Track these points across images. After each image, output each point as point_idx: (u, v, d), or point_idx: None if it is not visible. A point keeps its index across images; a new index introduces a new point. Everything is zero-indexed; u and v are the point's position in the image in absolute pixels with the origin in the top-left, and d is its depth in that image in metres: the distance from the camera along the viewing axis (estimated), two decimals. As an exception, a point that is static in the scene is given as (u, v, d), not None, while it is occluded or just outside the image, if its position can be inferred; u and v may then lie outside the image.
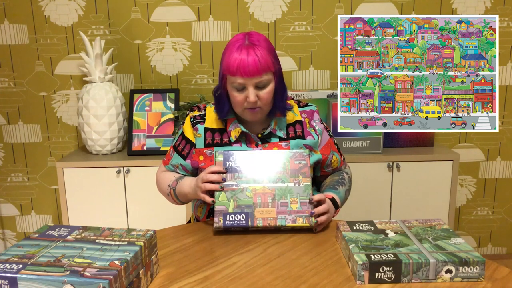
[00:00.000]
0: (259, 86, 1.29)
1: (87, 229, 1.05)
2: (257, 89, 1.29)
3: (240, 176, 1.27)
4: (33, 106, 2.46)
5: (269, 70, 1.29)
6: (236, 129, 1.38)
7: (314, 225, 1.23)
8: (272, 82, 1.31)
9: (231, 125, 1.39)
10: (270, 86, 1.31)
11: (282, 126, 1.40)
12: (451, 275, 0.98)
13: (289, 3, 2.35)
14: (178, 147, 1.44)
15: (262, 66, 1.26)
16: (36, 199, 2.56)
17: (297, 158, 1.29)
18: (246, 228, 1.23)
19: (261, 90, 1.30)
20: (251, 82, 1.27)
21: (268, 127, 1.40)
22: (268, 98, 1.32)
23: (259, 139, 1.39)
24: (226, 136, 1.39)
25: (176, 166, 1.45)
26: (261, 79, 1.28)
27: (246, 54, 1.25)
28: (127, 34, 2.38)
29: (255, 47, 1.27)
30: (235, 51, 1.27)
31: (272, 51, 1.31)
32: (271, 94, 1.32)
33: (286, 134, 1.40)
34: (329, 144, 1.47)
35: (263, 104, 1.32)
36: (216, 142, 1.39)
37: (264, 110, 1.34)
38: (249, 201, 1.24)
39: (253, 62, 1.25)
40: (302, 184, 1.27)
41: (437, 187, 2.14)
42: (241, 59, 1.25)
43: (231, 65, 1.26)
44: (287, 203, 1.24)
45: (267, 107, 1.34)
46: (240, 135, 1.38)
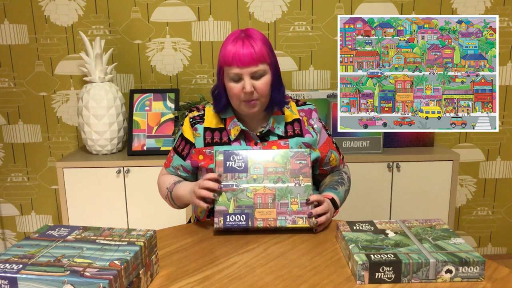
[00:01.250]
0: (255, 76, 1.31)
1: (87, 229, 1.05)
2: (253, 80, 1.31)
3: (240, 176, 1.27)
4: (33, 106, 2.46)
5: (264, 60, 1.31)
6: (235, 128, 1.38)
7: (314, 225, 1.23)
8: (268, 73, 1.33)
9: (231, 124, 1.39)
10: (266, 77, 1.32)
11: (280, 124, 1.41)
12: (451, 275, 0.98)
13: (289, 3, 2.35)
14: (178, 148, 1.45)
15: (258, 56, 1.29)
16: (36, 199, 2.56)
17: (297, 158, 1.29)
18: (247, 229, 1.23)
19: (257, 80, 1.31)
20: (246, 71, 1.29)
21: (266, 125, 1.40)
22: (265, 90, 1.32)
23: (258, 137, 1.39)
24: (225, 135, 1.39)
25: (177, 168, 1.45)
26: (257, 69, 1.30)
27: (242, 44, 1.29)
28: (127, 34, 2.38)
29: (251, 39, 1.30)
30: (231, 43, 1.30)
31: (267, 43, 1.34)
32: (268, 85, 1.33)
33: (284, 132, 1.41)
34: (327, 142, 1.47)
35: (259, 96, 1.32)
36: (215, 141, 1.39)
37: (261, 102, 1.35)
38: (250, 202, 1.24)
39: (248, 52, 1.28)
40: (302, 184, 1.26)
41: (437, 187, 2.14)
42: (237, 49, 1.28)
43: (227, 56, 1.29)
44: (287, 203, 1.24)
45: (264, 99, 1.35)
46: (239, 133, 1.38)
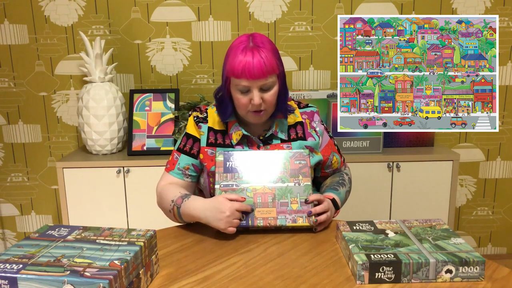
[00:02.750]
0: (263, 88, 1.28)
1: (87, 229, 1.05)
2: (261, 92, 1.28)
3: (240, 176, 1.27)
4: (33, 106, 2.46)
5: (273, 72, 1.28)
6: (237, 132, 1.37)
7: (314, 224, 1.23)
8: (276, 84, 1.31)
9: (232, 128, 1.38)
10: (275, 88, 1.30)
11: (283, 128, 1.40)
12: (451, 275, 0.98)
13: (289, 3, 2.35)
14: (184, 148, 1.41)
15: (267, 69, 1.25)
16: (36, 199, 2.56)
17: (297, 158, 1.30)
18: (247, 228, 1.23)
19: (265, 93, 1.29)
20: (256, 84, 1.26)
21: (269, 129, 1.39)
22: (273, 101, 1.31)
23: (261, 141, 1.38)
24: (228, 138, 1.39)
25: (186, 168, 1.40)
26: (266, 82, 1.27)
27: (251, 56, 1.24)
28: (127, 34, 2.38)
29: (260, 49, 1.25)
30: (240, 53, 1.25)
31: (276, 53, 1.31)
32: (275, 96, 1.32)
33: (287, 136, 1.40)
34: (329, 145, 1.47)
35: (267, 106, 1.31)
36: (218, 143, 1.38)
37: (268, 112, 1.34)
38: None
39: (259, 64, 1.23)
40: (302, 184, 1.27)
41: (437, 187, 2.14)
42: (247, 61, 1.23)
43: (236, 68, 1.25)
44: (287, 203, 1.25)
45: (271, 109, 1.34)
46: (241, 138, 1.38)
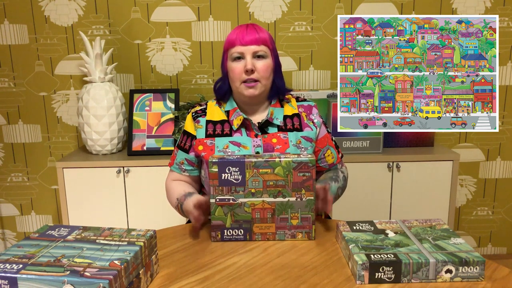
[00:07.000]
0: (256, 56, 1.36)
1: (87, 229, 1.05)
2: (254, 59, 1.36)
3: (237, 190, 1.19)
4: (33, 106, 2.46)
5: (266, 44, 1.37)
6: (238, 117, 1.41)
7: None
8: (269, 57, 1.39)
9: (234, 114, 1.42)
10: (268, 60, 1.38)
11: (279, 115, 1.44)
12: (451, 275, 0.98)
13: (289, 3, 2.35)
14: (181, 144, 1.48)
15: (260, 37, 1.36)
16: (36, 199, 2.56)
17: (301, 169, 1.18)
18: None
19: (258, 61, 1.36)
20: (249, 50, 1.35)
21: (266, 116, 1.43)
22: (265, 71, 1.37)
23: (259, 129, 1.41)
24: (227, 126, 1.42)
25: (181, 163, 1.47)
26: (259, 48, 1.36)
27: (245, 28, 1.38)
28: (127, 34, 2.38)
29: (254, 25, 1.40)
30: (235, 29, 1.40)
31: (270, 36, 1.41)
32: (268, 68, 1.38)
33: (284, 125, 1.43)
34: (326, 138, 1.49)
35: (260, 77, 1.36)
36: (217, 133, 1.41)
37: (261, 85, 1.38)
38: (248, 216, 1.20)
39: (251, 32, 1.36)
40: (304, 198, 1.19)
41: (437, 187, 2.14)
42: (240, 30, 1.38)
43: (231, 37, 1.38)
44: (287, 218, 1.20)
45: (264, 82, 1.38)
46: (241, 124, 1.41)
